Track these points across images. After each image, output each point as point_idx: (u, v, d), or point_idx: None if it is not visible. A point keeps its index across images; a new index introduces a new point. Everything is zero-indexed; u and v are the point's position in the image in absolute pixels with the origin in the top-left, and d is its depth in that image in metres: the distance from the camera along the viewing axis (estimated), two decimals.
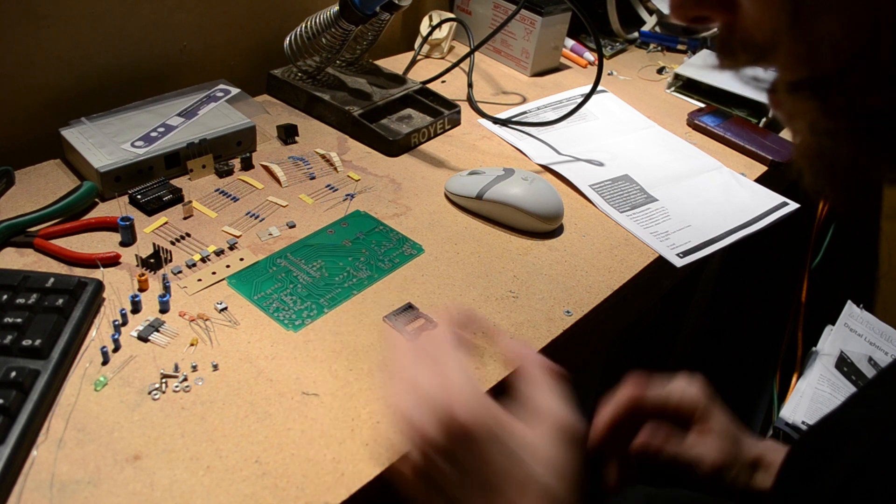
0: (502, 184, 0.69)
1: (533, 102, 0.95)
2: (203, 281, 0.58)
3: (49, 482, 0.42)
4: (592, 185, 0.78)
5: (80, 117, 0.70)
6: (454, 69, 0.94)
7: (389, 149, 0.79)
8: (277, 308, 0.56)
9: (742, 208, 0.78)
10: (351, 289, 0.60)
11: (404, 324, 0.57)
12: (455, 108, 0.86)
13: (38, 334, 0.48)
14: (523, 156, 0.83)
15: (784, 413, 0.86)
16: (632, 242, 0.70)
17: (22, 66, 0.68)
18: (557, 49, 1.05)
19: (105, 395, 0.48)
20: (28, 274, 0.53)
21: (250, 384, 0.50)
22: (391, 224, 0.68)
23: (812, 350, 0.97)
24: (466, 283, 0.62)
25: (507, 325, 0.58)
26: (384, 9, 0.76)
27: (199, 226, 0.65)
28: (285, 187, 0.71)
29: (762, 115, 0.96)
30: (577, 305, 0.61)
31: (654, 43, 1.19)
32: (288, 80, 0.85)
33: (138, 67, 0.77)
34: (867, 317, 1.03)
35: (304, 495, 0.43)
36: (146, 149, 0.68)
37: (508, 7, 1.00)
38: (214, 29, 0.83)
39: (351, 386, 0.51)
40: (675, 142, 0.90)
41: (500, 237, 0.69)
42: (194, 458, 0.44)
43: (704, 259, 0.70)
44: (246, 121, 0.75)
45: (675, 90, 1.04)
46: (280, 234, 0.65)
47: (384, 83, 0.88)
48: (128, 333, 0.52)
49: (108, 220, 0.62)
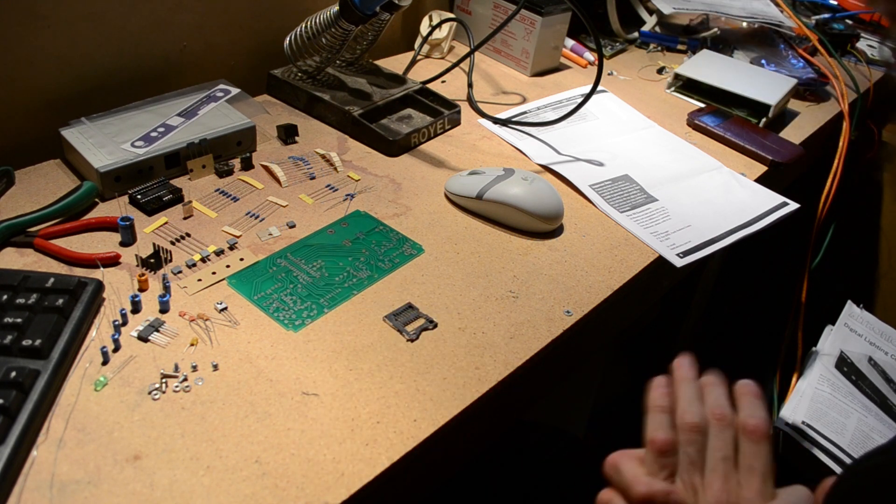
0: (502, 184, 0.69)
1: (533, 102, 0.95)
2: (203, 281, 0.58)
3: (49, 482, 0.42)
4: (592, 185, 0.78)
5: (80, 117, 0.70)
6: (454, 69, 0.94)
7: (389, 149, 0.79)
8: (277, 308, 0.56)
9: (742, 208, 0.78)
10: (351, 289, 0.60)
11: (404, 324, 0.57)
12: (455, 108, 0.86)
13: (38, 334, 0.48)
14: (523, 156, 0.83)
15: (784, 413, 0.86)
16: (632, 242, 0.70)
17: (22, 66, 0.68)
18: (557, 49, 1.05)
19: (105, 395, 0.48)
20: (28, 274, 0.53)
21: (250, 384, 0.50)
22: (391, 224, 0.68)
23: (812, 350, 0.97)
24: (466, 283, 0.62)
25: (507, 324, 0.58)
26: (384, 9, 0.76)
27: (199, 226, 0.65)
28: (285, 187, 0.71)
29: (762, 115, 0.96)
30: (577, 305, 0.61)
31: (654, 43, 1.19)
32: (288, 80, 0.85)
33: (138, 67, 0.77)
34: (867, 317, 1.03)
35: (304, 495, 0.43)
36: (146, 149, 0.68)
37: (508, 7, 1.00)
38: (214, 29, 0.83)
39: (351, 386, 0.51)
40: (675, 142, 0.90)
41: (500, 237, 0.69)
42: (194, 458, 0.44)
43: (704, 259, 0.70)
44: (246, 121, 0.75)
45: (675, 90, 1.04)
46: (280, 234, 0.65)
47: (384, 83, 0.88)
48: (128, 333, 0.52)
49: (108, 220, 0.62)
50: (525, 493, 0.74)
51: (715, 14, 1.18)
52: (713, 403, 0.46)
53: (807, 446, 0.82)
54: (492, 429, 0.61)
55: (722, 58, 1.10)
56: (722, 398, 0.47)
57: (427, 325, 0.57)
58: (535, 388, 0.63)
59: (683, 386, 0.47)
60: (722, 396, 0.47)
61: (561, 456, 0.47)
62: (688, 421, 0.45)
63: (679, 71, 1.03)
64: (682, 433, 0.45)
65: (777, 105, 0.96)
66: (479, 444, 0.60)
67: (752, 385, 0.48)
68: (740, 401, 0.46)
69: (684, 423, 0.45)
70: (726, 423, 0.45)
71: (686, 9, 1.16)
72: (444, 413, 0.50)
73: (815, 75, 1.10)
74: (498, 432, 0.63)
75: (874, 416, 0.88)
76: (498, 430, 0.62)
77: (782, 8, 1.23)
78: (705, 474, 0.43)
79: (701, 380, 0.48)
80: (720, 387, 0.48)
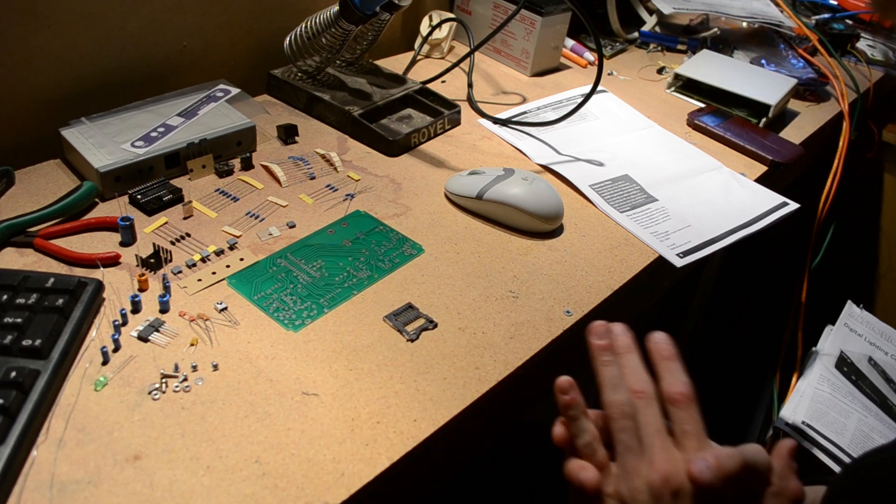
0: (502, 184, 0.69)
1: (533, 102, 0.95)
2: (203, 281, 0.58)
3: (49, 482, 0.42)
4: (592, 185, 0.78)
5: (80, 117, 0.70)
6: (454, 69, 0.94)
7: (389, 149, 0.79)
8: (277, 308, 0.56)
9: (742, 208, 0.78)
10: (351, 289, 0.60)
11: (404, 324, 0.57)
12: (455, 108, 0.86)
13: (38, 334, 0.48)
14: (523, 156, 0.83)
15: (784, 413, 0.86)
16: (632, 242, 0.70)
17: (22, 66, 0.68)
18: (557, 49, 1.05)
19: (105, 395, 0.48)
20: (28, 274, 0.53)
21: (250, 384, 0.50)
22: (391, 224, 0.68)
23: (812, 350, 0.97)
24: (466, 283, 0.62)
25: (507, 324, 0.58)
26: (384, 9, 0.76)
27: (199, 226, 0.65)
28: (285, 187, 0.71)
29: (762, 115, 0.96)
30: (577, 305, 0.61)
31: (654, 43, 1.19)
32: (288, 80, 0.85)
33: (138, 67, 0.78)
34: (867, 317, 1.03)
35: (304, 495, 0.43)
36: (146, 149, 0.68)
37: (508, 7, 1.00)
38: (214, 29, 0.83)
39: (351, 386, 0.51)
40: (675, 142, 0.90)
41: (500, 237, 0.69)
42: (194, 458, 0.44)
43: (704, 259, 0.70)
44: (246, 121, 0.75)
45: (675, 90, 1.04)
46: (280, 234, 0.65)
47: (384, 83, 0.88)
48: (128, 333, 0.52)
49: (108, 220, 0.62)
50: (525, 492, 0.74)
51: (715, 14, 1.18)
52: (631, 379, 0.46)
53: (807, 446, 0.82)
54: (492, 429, 0.61)
55: (722, 58, 1.10)
56: (639, 370, 0.46)
57: (427, 325, 0.57)
58: (535, 388, 0.63)
59: (604, 369, 0.47)
60: (639, 368, 0.47)
61: (561, 456, 0.47)
62: (615, 410, 0.45)
63: (679, 71, 1.03)
64: (612, 422, 0.45)
65: (777, 105, 0.96)
66: (479, 444, 0.60)
67: (664, 344, 0.47)
68: (658, 368, 0.46)
69: (612, 412, 0.45)
70: (649, 397, 0.45)
71: (686, 9, 1.16)
72: (444, 413, 0.50)
73: (815, 75, 1.10)
74: (498, 432, 0.63)
75: (874, 416, 0.88)
76: (498, 430, 0.62)
77: (782, 8, 1.23)
78: (644, 452, 0.43)
79: (614, 346, 0.48)
80: (633, 355, 0.47)
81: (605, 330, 0.49)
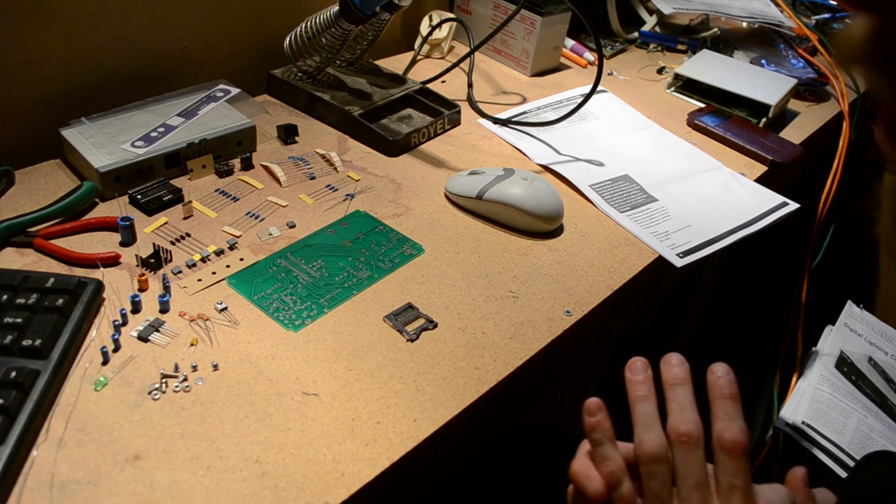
0: (502, 184, 0.69)
1: (533, 102, 0.95)
2: (203, 281, 0.58)
3: (49, 482, 0.42)
4: (592, 185, 0.78)
5: (80, 117, 0.70)
6: (454, 69, 0.94)
7: (389, 149, 0.79)
8: (277, 308, 0.56)
9: (742, 208, 0.78)
10: (351, 289, 0.60)
11: (404, 324, 0.57)
12: (455, 108, 0.86)
13: (38, 334, 0.48)
14: (523, 156, 0.83)
15: (784, 413, 0.86)
16: (632, 242, 0.70)
17: (22, 65, 0.68)
18: (557, 49, 1.05)
19: (105, 395, 0.48)
20: (28, 274, 0.53)
21: (250, 384, 0.50)
22: (391, 224, 0.68)
23: (812, 350, 0.97)
24: (466, 283, 0.62)
25: (507, 324, 0.58)
26: (384, 9, 0.76)
27: (199, 226, 0.65)
28: (285, 187, 0.71)
29: (762, 115, 0.96)
30: (577, 305, 0.61)
31: (654, 43, 1.19)
32: (288, 80, 0.85)
33: (138, 67, 0.77)
34: (867, 317, 1.03)
35: (304, 495, 0.43)
36: (146, 149, 0.68)
37: (508, 7, 1.00)
38: (214, 29, 0.83)
39: (351, 386, 0.51)
40: (675, 142, 0.90)
41: (500, 237, 0.69)
42: (194, 458, 0.44)
43: (704, 259, 0.70)
44: (246, 121, 0.75)
45: (675, 90, 1.04)
46: (280, 234, 0.65)
47: (384, 83, 0.88)
48: (128, 333, 0.52)
49: (108, 220, 0.62)
50: (525, 492, 0.74)
51: (715, 14, 1.18)
52: (678, 418, 0.40)
53: (807, 446, 0.82)
54: (492, 429, 0.61)
55: (722, 58, 1.10)
56: (688, 408, 0.40)
57: (427, 325, 0.57)
58: (535, 388, 0.63)
59: (638, 405, 0.42)
60: (688, 405, 0.41)
61: (561, 456, 0.47)
62: (645, 451, 0.40)
63: (679, 71, 1.03)
64: (641, 466, 0.40)
65: (777, 105, 0.96)
66: (479, 443, 0.60)
67: (726, 379, 0.41)
68: (714, 406, 0.40)
69: (641, 453, 0.40)
70: (693, 444, 0.39)
71: (686, 9, 1.16)
72: (444, 413, 0.50)
73: (815, 75, 1.10)
74: (498, 432, 0.63)
75: (874, 417, 0.88)
76: (498, 430, 0.62)
77: (782, 8, 1.23)
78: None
79: (663, 376, 0.42)
80: (685, 388, 0.42)
81: (643, 366, 0.44)
